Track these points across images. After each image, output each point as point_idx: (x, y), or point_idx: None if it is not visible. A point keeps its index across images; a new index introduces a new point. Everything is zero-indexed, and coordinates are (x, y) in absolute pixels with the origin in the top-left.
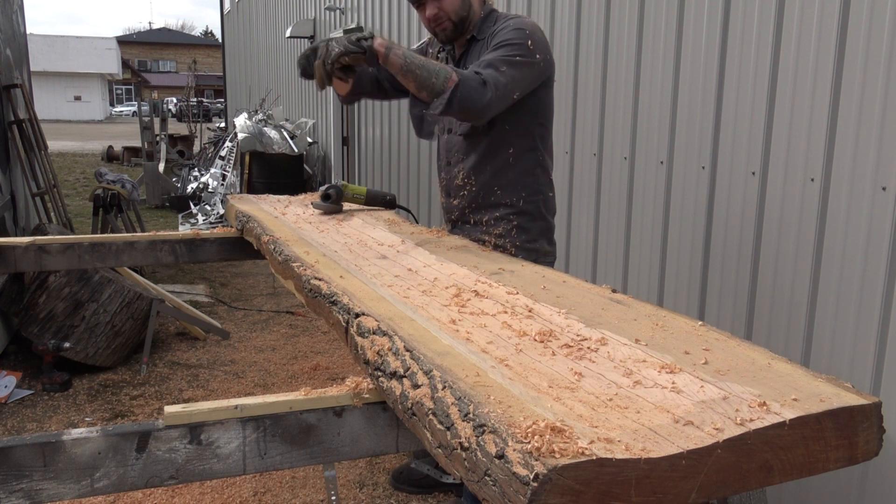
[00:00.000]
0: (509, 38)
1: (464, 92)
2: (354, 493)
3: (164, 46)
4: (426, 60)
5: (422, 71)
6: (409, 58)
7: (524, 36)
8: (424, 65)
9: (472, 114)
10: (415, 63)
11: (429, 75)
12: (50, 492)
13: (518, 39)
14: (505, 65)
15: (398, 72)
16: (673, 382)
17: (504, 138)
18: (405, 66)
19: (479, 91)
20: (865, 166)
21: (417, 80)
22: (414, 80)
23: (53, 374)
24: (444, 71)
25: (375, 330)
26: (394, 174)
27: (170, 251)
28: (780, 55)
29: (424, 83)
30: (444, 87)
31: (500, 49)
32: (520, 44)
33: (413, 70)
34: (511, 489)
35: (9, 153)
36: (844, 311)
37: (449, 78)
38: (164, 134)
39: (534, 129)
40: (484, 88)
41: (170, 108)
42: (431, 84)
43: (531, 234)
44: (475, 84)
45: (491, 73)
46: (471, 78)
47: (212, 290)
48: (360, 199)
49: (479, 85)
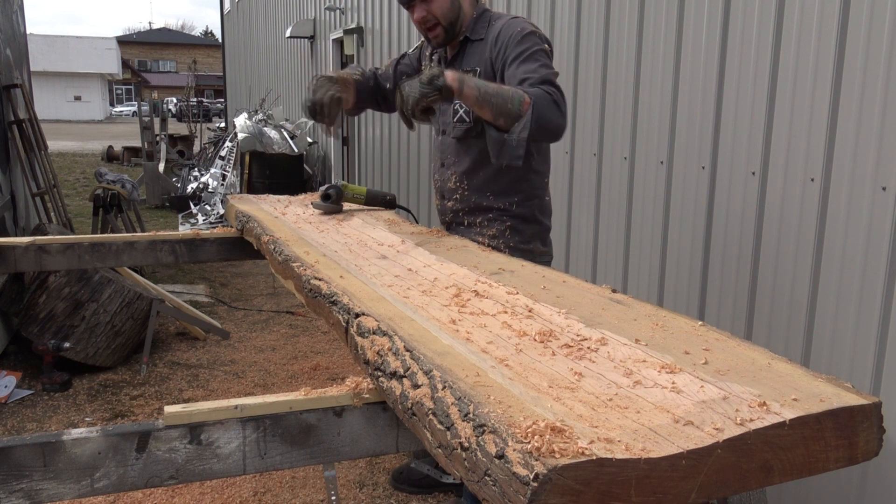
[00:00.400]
0: (529, 46)
1: (539, 111)
2: (354, 493)
3: (164, 46)
4: (498, 88)
5: (497, 99)
6: (482, 88)
7: (539, 41)
8: (498, 92)
9: (552, 132)
10: (489, 93)
11: (504, 102)
12: (50, 492)
13: (537, 46)
14: (553, 76)
15: (474, 103)
16: (673, 382)
17: None
18: (479, 97)
19: (552, 108)
20: (865, 166)
21: (494, 109)
22: (490, 109)
23: (53, 374)
24: (516, 95)
25: (375, 330)
26: (394, 174)
27: (170, 251)
28: (780, 55)
29: (501, 110)
30: (521, 111)
31: (530, 62)
32: (540, 50)
33: (488, 100)
34: (511, 489)
35: (9, 153)
36: (844, 311)
37: (523, 101)
38: (164, 134)
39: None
40: (556, 104)
41: (170, 108)
42: (508, 110)
43: (524, 235)
44: (547, 102)
45: (554, 90)
46: (541, 96)
47: (212, 290)
48: (360, 199)
49: (551, 102)
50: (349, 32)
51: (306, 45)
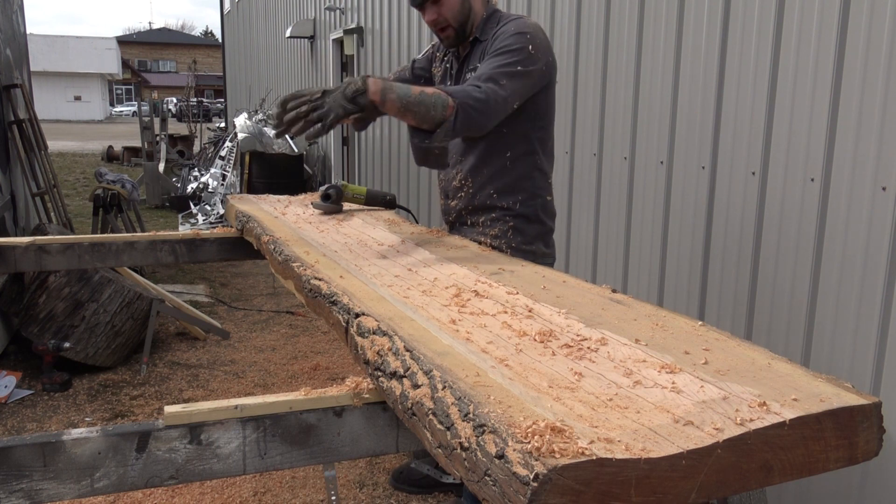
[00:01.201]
0: (509, 43)
1: (463, 115)
2: (354, 493)
3: (164, 46)
4: (421, 94)
5: (419, 107)
6: (405, 98)
7: (525, 41)
8: (420, 100)
9: (475, 131)
10: (411, 101)
11: (426, 109)
12: (50, 492)
13: (518, 45)
14: (505, 77)
15: (396, 113)
16: (673, 382)
17: (502, 142)
18: (402, 106)
19: (477, 109)
20: (865, 166)
21: (417, 117)
22: (413, 118)
23: (53, 374)
24: (440, 99)
25: (375, 330)
26: (394, 174)
27: (170, 251)
28: (780, 55)
29: (424, 117)
30: (444, 116)
31: (500, 56)
32: (520, 49)
33: (410, 108)
34: (511, 489)
35: (9, 153)
36: (844, 311)
37: (447, 105)
38: (164, 134)
39: (532, 133)
40: (484, 106)
41: (170, 108)
42: (431, 117)
43: (527, 236)
44: (473, 103)
45: (490, 87)
46: (468, 98)
47: (212, 290)
48: (360, 199)
49: (477, 103)
50: (349, 32)
51: (306, 45)
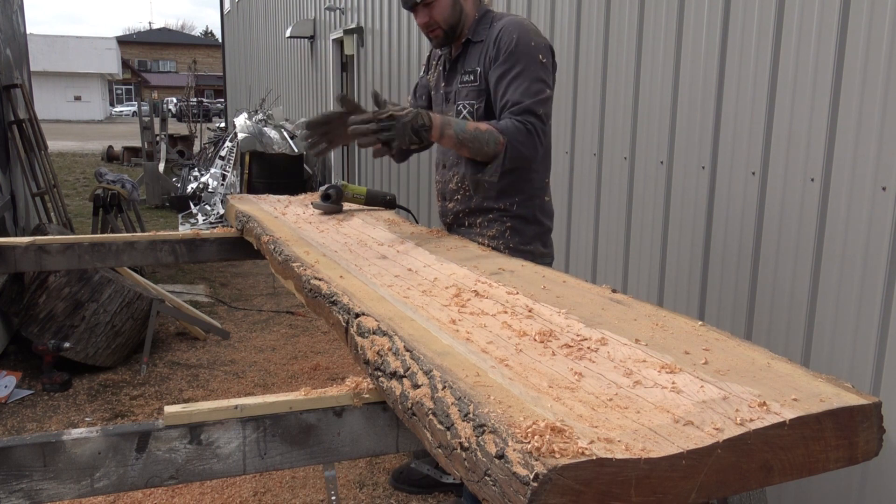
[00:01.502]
0: (526, 62)
1: (513, 150)
2: (354, 493)
3: (164, 46)
4: (475, 131)
5: (474, 143)
6: (461, 134)
7: (535, 52)
8: (475, 136)
9: (524, 163)
10: (466, 138)
11: (481, 145)
12: (50, 492)
13: (533, 58)
14: (541, 106)
15: (452, 147)
16: (673, 382)
17: None
18: (458, 142)
19: (526, 144)
20: (865, 166)
21: (472, 151)
22: (468, 152)
23: (53, 374)
24: (492, 137)
25: (375, 330)
26: (394, 174)
27: (170, 251)
28: (780, 55)
29: (478, 152)
30: (496, 152)
31: (521, 80)
32: (539, 65)
33: (466, 144)
34: (511, 489)
35: (9, 153)
36: (844, 311)
37: (498, 142)
38: (164, 134)
39: None
40: (530, 140)
41: (170, 108)
42: (484, 152)
43: (525, 236)
44: (522, 139)
45: (531, 120)
46: (517, 135)
47: (212, 290)
48: (360, 199)
49: (525, 139)
50: (349, 32)
51: (306, 45)
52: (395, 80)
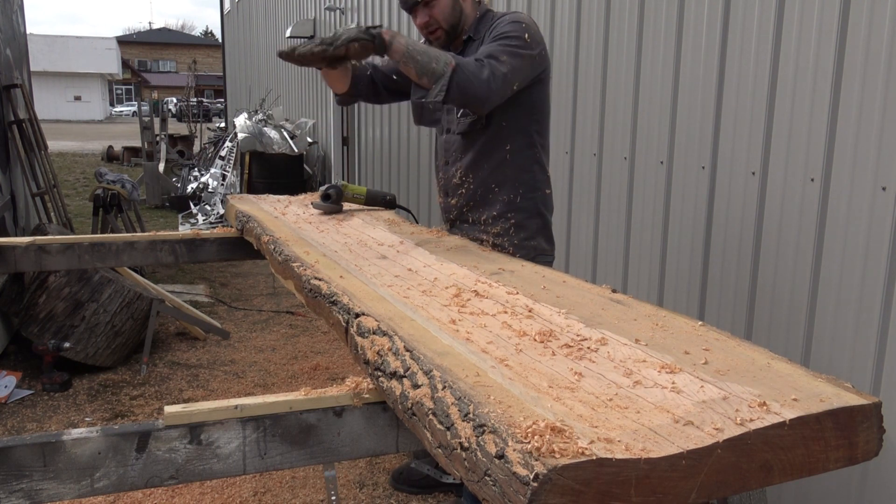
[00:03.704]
0: (507, 30)
1: (462, 76)
2: (354, 493)
3: (164, 46)
4: (428, 47)
5: (423, 57)
6: (411, 45)
7: (521, 29)
8: (426, 51)
9: (473, 99)
10: (416, 50)
11: (429, 60)
12: (50, 492)
13: (515, 32)
14: (505, 54)
15: (400, 59)
16: (673, 382)
17: (501, 135)
18: (407, 52)
19: (477, 76)
20: (865, 166)
21: (418, 66)
22: (414, 67)
23: (53, 374)
24: (444, 56)
25: (375, 330)
26: (394, 174)
27: (170, 251)
28: (780, 55)
29: (425, 68)
30: (444, 72)
31: (499, 40)
32: (517, 35)
33: (414, 56)
34: (511, 489)
35: (9, 153)
36: (844, 311)
37: (448, 63)
38: (164, 134)
39: (530, 126)
40: (483, 73)
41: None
42: (432, 69)
43: (529, 231)
44: (473, 68)
45: (491, 62)
46: (470, 63)
47: (212, 290)
48: (360, 199)
49: (477, 69)
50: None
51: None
52: None
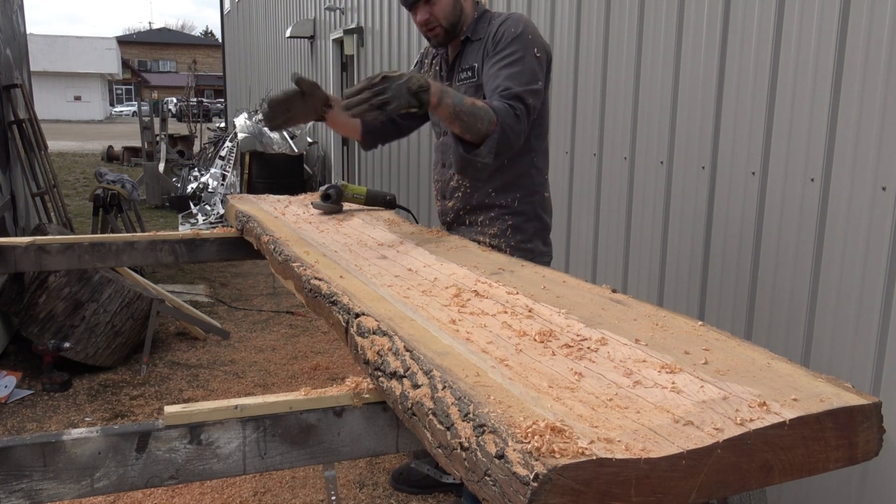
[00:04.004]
0: (519, 53)
1: (502, 135)
2: (354, 493)
3: (164, 46)
4: (472, 105)
5: (469, 117)
6: (458, 104)
7: (531, 45)
8: (472, 111)
9: (512, 149)
10: (463, 110)
11: (475, 121)
12: (50, 492)
13: (529, 54)
14: (531, 97)
15: (447, 118)
16: (673, 382)
17: None
18: (454, 113)
19: (515, 131)
20: (865, 166)
21: (463, 126)
22: (460, 126)
23: (53, 374)
24: (488, 114)
25: (375, 330)
26: (394, 174)
27: (170, 251)
28: (780, 55)
29: (471, 128)
30: (489, 131)
31: (515, 67)
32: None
33: (461, 117)
34: (511, 489)
35: (9, 153)
36: (844, 311)
37: (492, 121)
38: (164, 134)
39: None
40: (520, 127)
41: (170, 108)
42: (477, 129)
43: (526, 234)
44: (512, 122)
45: (521, 108)
46: (508, 118)
47: (212, 290)
48: (360, 199)
49: (514, 124)
50: (349, 32)
51: (306, 45)
52: None
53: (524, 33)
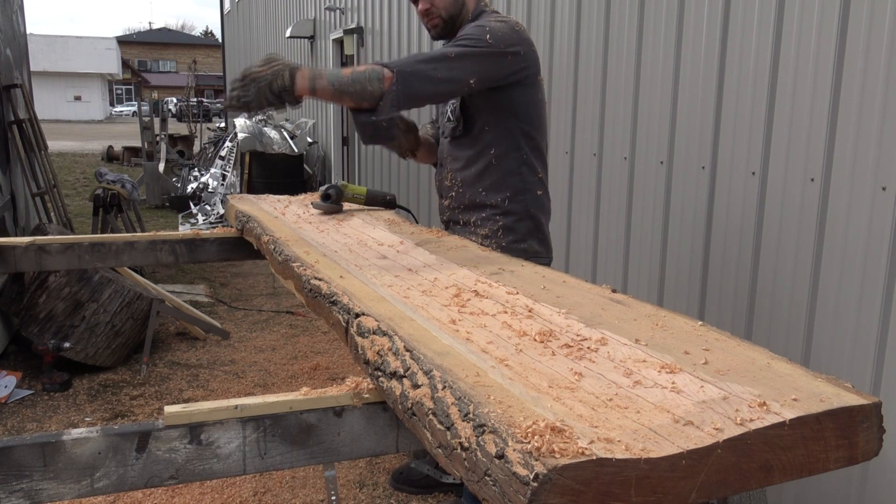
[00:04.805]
0: (466, 34)
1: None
2: (354, 493)
3: (164, 46)
4: (353, 73)
5: (354, 86)
6: (335, 81)
7: (482, 32)
8: (354, 79)
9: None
10: (344, 83)
11: (362, 86)
12: (50, 492)
13: (474, 34)
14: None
15: (331, 99)
16: (673, 382)
17: (485, 139)
18: (336, 91)
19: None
20: (865, 166)
21: (355, 97)
22: (351, 98)
23: (53, 374)
24: (374, 73)
25: (375, 330)
26: (394, 174)
27: (170, 251)
28: (780, 55)
29: (362, 95)
30: (382, 89)
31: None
32: (476, 38)
33: (345, 90)
34: (511, 489)
35: (9, 153)
36: (844, 311)
37: (382, 77)
38: (164, 134)
39: (516, 129)
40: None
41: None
42: (369, 93)
43: (518, 234)
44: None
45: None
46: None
47: (212, 290)
48: (360, 199)
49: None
50: (349, 32)
51: (306, 45)
52: None
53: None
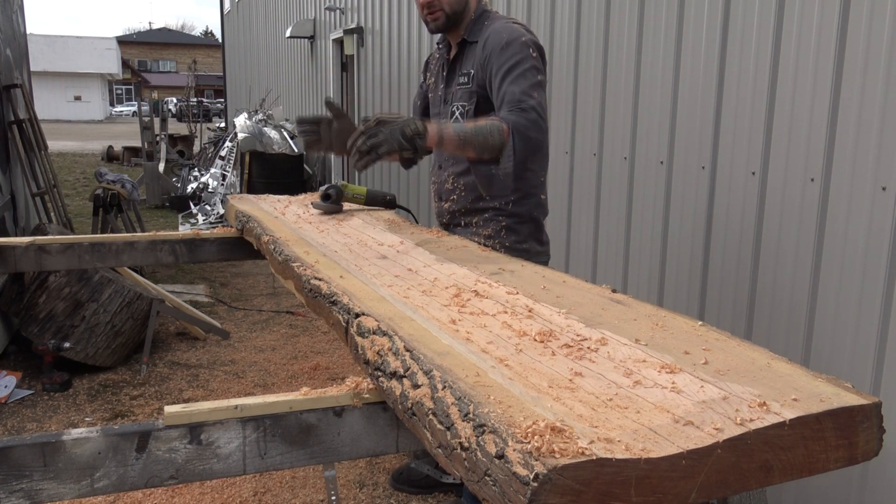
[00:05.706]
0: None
1: (519, 137)
2: (354, 493)
3: (164, 46)
4: (475, 126)
5: (477, 137)
6: (462, 133)
7: (528, 49)
8: (477, 131)
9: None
10: (468, 134)
11: (485, 138)
12: (50, 492)
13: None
14: (535, 90)
15: (456, 150)
16: (673, 382)
17: None
18: (461, 142)
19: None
20: (865, 166)
21: (477, 148)
22: (473, 150)
23: (53, 374)
24: (494, 126)
25: (375, 330)
26: (394, 174)
27: (170, 251)
28: (780, 55)
29: (484, 146)
30: (502, 142)
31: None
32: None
33: (470, 141)
34: (511, 489)
35: (9, 153)
36: (844, 311)
37: (502, 130)
38: (164, 134)
39: None
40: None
41: (170, 108)
42: (491, 145)
43: (520, 235)
44: (525, 122)
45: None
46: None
47: (212, 290)
48: (360, 199)
49: (529, 123)
50: (349, 32)
51: (306, 45)
52: (395, 80)
53: (516, 35)
